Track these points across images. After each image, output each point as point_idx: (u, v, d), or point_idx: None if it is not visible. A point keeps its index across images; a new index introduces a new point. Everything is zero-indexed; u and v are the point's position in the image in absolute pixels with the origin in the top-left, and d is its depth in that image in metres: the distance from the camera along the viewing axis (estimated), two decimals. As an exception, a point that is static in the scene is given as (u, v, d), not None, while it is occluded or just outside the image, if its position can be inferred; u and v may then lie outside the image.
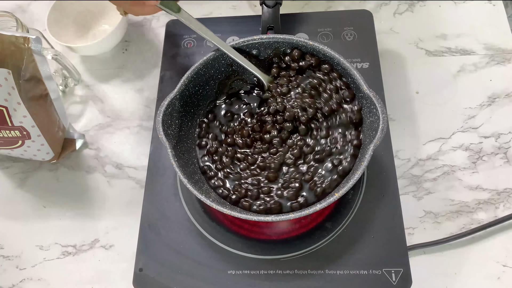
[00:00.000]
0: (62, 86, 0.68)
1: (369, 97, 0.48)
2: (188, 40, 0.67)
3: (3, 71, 0.48)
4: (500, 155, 0.58)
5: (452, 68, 0.64)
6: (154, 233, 0.54)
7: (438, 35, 0.67)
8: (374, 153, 0.46)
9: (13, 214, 0.61)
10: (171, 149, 0.49)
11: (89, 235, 0.58)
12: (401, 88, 0.63)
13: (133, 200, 0.59)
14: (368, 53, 0.62)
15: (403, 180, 0.57)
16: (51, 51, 0.59)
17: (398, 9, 0.70)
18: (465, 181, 0.57)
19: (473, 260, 0.52)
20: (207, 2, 0.73)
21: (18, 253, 0.58)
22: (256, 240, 0.53)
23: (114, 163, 0.63)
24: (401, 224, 0.51)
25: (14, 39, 0.49)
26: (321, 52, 0.53)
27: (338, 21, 0.65)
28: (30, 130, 0.54)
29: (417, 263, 0.52)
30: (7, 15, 0.59)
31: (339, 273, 0.50)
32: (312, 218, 0.53)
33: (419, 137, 0.60)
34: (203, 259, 0.52)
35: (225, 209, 0.46)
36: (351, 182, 0.46)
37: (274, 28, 0.60)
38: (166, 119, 0.51)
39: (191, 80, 0.54)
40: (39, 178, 0.63)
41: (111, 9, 0.70)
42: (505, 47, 0.65)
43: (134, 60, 0.71)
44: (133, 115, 0.66)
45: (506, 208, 0.55)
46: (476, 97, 0.62)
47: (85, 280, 0.56)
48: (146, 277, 0.51)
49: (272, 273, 0.50)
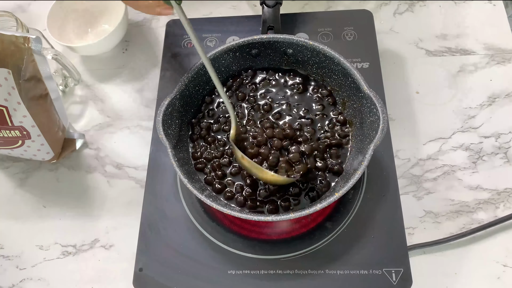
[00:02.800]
0: (62, 86, 0.68)
1: (369, 97, 0.48)
2: (188, 40, 0.67)
3: (3, 71, 0.48)
4: (500, 155, 0.58)
5: (452, 68, 0.64)
6: (154, 233, 0.54)
7: (438, 35, 0.67)
8: (374, 153, 0.46)
9: (13, 214, 0.61)
10: (171, 149, 0.49)
11: (89, 235, 0.58)
12: (401, 88, 0.63)
13: (133, 200, 0.59)
14: (368, 53, 0.62)
15: (403, 180, 0.57)
16: (51, 51, 0.59)
17: (398, 9, 0.70)
18: (465, 181, 0.57)
19: (473, 260, 0.52)
20: (207, 2, 0.73)
21: (18, 253, 0.58)
22: (256, 240, 0.53)
23: (114, 163, 0.63)
24: (401, 224, 0.51)
25: (14, 39, 0.49)
26: (321, 52, 0.53)
27: (338, 21, 0.65)
28: (30, 130, 0.54)
29: (417, 263, 0.52)
30: (7, 15, 0.59)
31: (339, 273, 0.50)
32: (312, 218, 0.53)
33: (419, 137, 0.60)
34: (203, 259, 0.52)
35: (225, 209, 0.46)
36: (351, 182, 0.46)
37: (274, 28, 0.60)
38: (166, 119, 0.51)
39: (191, 80, 0.54)
40: (39, 178, 0.63)
41: (111, 9, 0.70)
42: (505, 47, 0.65)
43: (134, 60, 0.71)
44: (133, 115, 0.66)
45: (506, 208, 0.55)
46: (476, 97, 0.62)
47: (85, 280, 0.56)
48: (146, 277, 0.51)
49: (272, 273, 0.50)
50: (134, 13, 0.74)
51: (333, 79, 0.55)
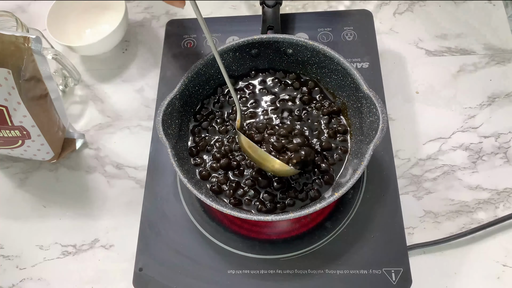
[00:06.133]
0: (62, 86, 0.68)
1: (369, 97, 0.48)
2: (188, 40, 0.67)
3: (3, 71, 0.48)
4: (500, 155, 0.58)
5: (452, 68, 0.64)
6: (154, 233, 0.54)
7: (438, 35, 0.67)
8: (374, 153, 0.46)
9: (13, 214, 0.61)
10: (171, 149, 0.49)
11: (89, 235, 0.58)
12: (401, 88, 0.63)
13: (133, 200, 0.59)
14: (368, 53, 0.62)
15: (403, 180, 0.57)
16: (51, 51, 0.59)
17: (398, 9, 0.70)
18: (465, 181, 0.57)
19: (473, 260, 0.52)
20: (207, 2, 0.73)
21: (18, 253, 0.58)
22: (256, 240, 0.53)
23: (114, 163, 0.63)
24: (401, 224, 0.51)
25: (14, 39, 0.49)
26: (321, 52, 0.53)
27: (338, 21, 0.65)
28: (30, 130, 0.54)
29: (417, 263, 0.52)
30: (7, 15, 0.59)
31: (339, 272, 0.50)
32: (312, 217, 0.53)
33: (419, 137, 0.60)
34: (203, 259, 0.52)
35: (225, 208, 0.46)
36: (351, 182, 0.46)
37: (274, 28, 0.60)
38: (166, 118, 0.51)
39: (191, 80, 0.54)
40: (39, 178, 0.63)
41: (111, 9, 0.70)
42: (505, 47, 0.65)
43: (134, 60, 0.71)
44: (133, 115, 0.66)
45: (506, 208, 0.55)
46: (476, 97, 0.62)
47: (85, 280, 0.56)
48: (146, 277, 0.51)
49: (272, 273, 0.50)
50: (134, 13, 0.74)
51: (332, 79, 0.55)
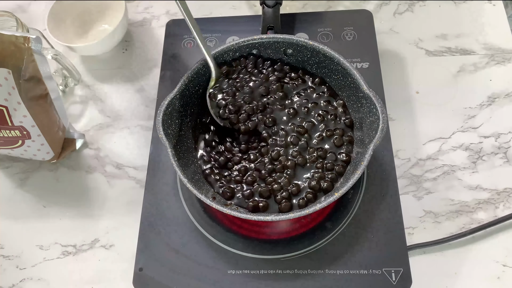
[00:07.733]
0: (62, 86, 0.68)
1: (369, 97, 0.48)
2: (188, 40, 0.67)
3: (3, 71, 0.48)
4: (500, 155, 0.58)
5: (452, 68, 0.64)
6: (154, 233, 0.54)
7: (438, 35, 0.67)
8: (374, 153, 0.46)
9: (13, 214, 0.61)
10: (171, 149, 0.49)
11: (89, 235, 0.58)
12: (401, 88, 0.63)
13: (133, 200, 0.59)
14: (368, 53, 0.62)
15: (403, 180, 0.57)
16: (51, 51, 0.59)
17: (398, 9, 0.70)
18: (465, 181, 0.57)
19: (473, 260, 0.52)
20: (207, 2, 0.73)
21: (18, 253, 0.58)
22: (256, 240, 0.53)
23: (114, 163, 0.63)
24: (401, 224, 0.51)
25: (14, 39, 0.49)
26: (321, 52, 0.53)
27: (338, 21, 0.65)
28: (30, 130, 0.54)
29: (417, 263, 0.52)
30: (7, 15, 0.59)
31: (339, 273, 0.50)
32: (312, 217, 0.53)
33: (419, 137, 0.60)
34: (203, 259, 0.52)
35: (225, 209, 0.46)
36: (351, 182, 0.46)
37: (274, 28, 0.60)
38: (166, 118, 0.51)
39: (191, 80, 0.54)
40: (39, 178, 0.63)
41: (111, 9, 0.70)
42: (505, 47, 0.65)
43: (134, 60, 0.71)
44: (133, 115, 0.66)
45: (506, 208, 0.55)
46: (476, 97, 0.62)
47: (85, 280, 0.56)
48: (146, 277, 0.51)
49: (272, 273, 0.50)
50: (134, 13, 0.74)
51: (332, 79, 0.55)
